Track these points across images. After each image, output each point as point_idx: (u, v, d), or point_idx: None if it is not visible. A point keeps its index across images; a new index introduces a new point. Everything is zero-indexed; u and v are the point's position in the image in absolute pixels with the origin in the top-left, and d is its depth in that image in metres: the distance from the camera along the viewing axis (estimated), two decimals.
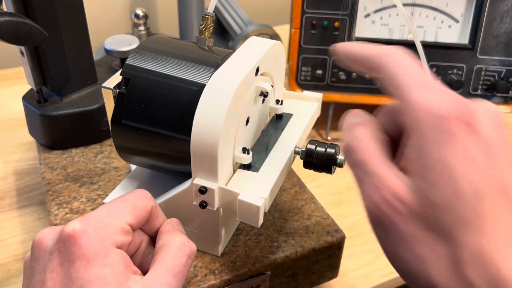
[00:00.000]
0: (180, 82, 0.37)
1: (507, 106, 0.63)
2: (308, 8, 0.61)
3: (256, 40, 0.40)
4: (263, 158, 0.39)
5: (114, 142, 0.40)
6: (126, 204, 0.32)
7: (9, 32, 0.40)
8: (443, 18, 0.62)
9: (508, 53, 0.61)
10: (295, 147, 0.41)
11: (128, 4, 0.95)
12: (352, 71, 0.63)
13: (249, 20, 0.80)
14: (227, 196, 0.36)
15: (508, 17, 0.59)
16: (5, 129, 0.68)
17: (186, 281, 0.40)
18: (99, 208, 0.32)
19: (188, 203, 0.38)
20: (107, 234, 0.30)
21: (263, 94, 0.39)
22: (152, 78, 0.38)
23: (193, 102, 0.35)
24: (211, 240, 0.41)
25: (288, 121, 0.44)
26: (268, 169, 0.38)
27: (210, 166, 0.35)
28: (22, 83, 0.76)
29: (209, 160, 0.34)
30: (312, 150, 0.39)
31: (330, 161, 0.39)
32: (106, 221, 0.31)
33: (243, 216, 0.36)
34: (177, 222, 0.35)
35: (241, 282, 0.41)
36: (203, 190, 0.35)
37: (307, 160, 0.39)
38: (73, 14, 0.51)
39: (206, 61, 0.38)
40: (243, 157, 0.37)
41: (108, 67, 0.63)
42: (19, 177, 0.60)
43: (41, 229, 0.52)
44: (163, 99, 0.37)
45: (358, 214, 0.57)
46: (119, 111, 0.38)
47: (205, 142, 0.34)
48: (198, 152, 0.34)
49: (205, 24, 0.41)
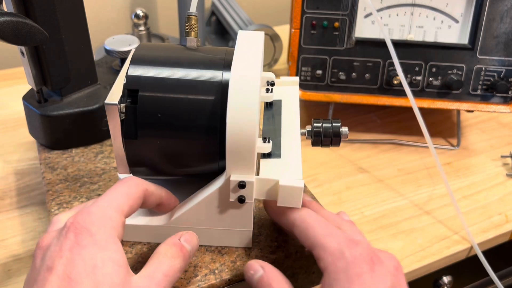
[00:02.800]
0: (194, 84, 0.37)
1: (507, 106, 0.63)
2: (308, 8, 0.61)
3: (247, 34, 0.41)
4: (278, 145, 0.41)
5: (128, 158, 0.39)
6: (121, 195, 0.34)
7: (9, 32, 0.40)
8: (443, 18, 0.62)
9: (508, 53, 0.61)
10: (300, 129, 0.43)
11: (128, 4, 0.95)
12: (352, 71, 0.63)
13: (249, 20, 0.80)
14: (266, 185, 0.37)
15: (508, 17, 0.59)
16: (5, 129, 0.68)
17: (186, 281, 0.40)
18: (98, 201, 0.33)
19: (219, 202, 0.39)
20: (113, 226, 0.32)
21: (269, 83, 0.42)
22: (163, 86, 0.37)
23: (213, 101, 0.36)
24: (243, 233, 0.41)
25: (280, 107, 0.45)
26: (289, 153, 0.40)
27: (247, 160, 0.36)
28: (22, 83, 0.77)
29: (246, 154, 0.35)
30: (319, 128, 0.42)
31: (338, 135, 0.42)
32: (109, 213, 0.32)
33: (285, 200, 0.37)
34: (188, 237, 0.37)
35: (241, 282, 0.41)
36: (243, 184, 0.37)
37: (316, 139, 0.42)
38: (73, 14, 0.51)
39: (211, 61, 0.38)
40: (264, 146, 0.38)
41: (108, 67, 0.63)
42: (19, 177, 0.60)
43: (42, 229, 0.52)
44: (181, 105, 0.37)
45: (358, 214, 0.57)
46: (132, 125, 0.37)
47: (242, 138, 0.35)
48: (234, 149, 0.35)
49: (190, 25, 0.41)
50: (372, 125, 0.72)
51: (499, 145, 0.70)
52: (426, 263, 0.52)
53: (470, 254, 0.55)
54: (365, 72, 0.63)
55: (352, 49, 0.62)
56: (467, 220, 0.57)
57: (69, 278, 0.29)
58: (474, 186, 0.62)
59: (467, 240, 0.54)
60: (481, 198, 0.60)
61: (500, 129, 0.73)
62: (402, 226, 0.56)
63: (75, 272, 0.29)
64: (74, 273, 0.29)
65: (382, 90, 0.64)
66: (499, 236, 0.56)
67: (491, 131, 0.72)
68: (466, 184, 0.62)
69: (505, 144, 0.70)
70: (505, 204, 0.59)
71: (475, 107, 0.64)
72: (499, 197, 0.61)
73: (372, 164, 0.65)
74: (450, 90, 0.63)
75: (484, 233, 0.56)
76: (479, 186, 0.62)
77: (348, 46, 0.62)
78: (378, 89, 0.64)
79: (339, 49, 0.63)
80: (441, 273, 0.57)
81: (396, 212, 0.58)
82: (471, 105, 0.64)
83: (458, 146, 0.68)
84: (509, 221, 0.57)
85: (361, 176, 0.63)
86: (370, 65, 0.63)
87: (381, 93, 0.64)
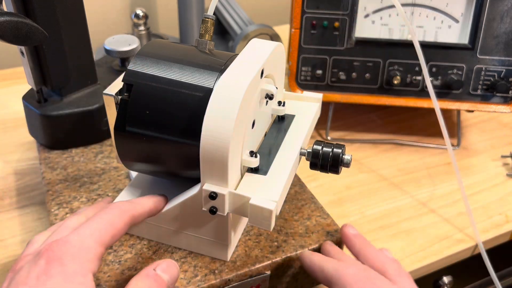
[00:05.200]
0: (185, 87, 0.37)
1: (507, 106, 0.63)
2: (308, 8, 0.61)
3: (259, 42, 0.40)
4: (270, 161, 0.39)
5: (117, 149, 0.40)
6: (104, 224, 0.32)
7: (9, 32, 0.40)
8: (443, 18, 0.62)
9: (508, 53, 0.61)
10: (300, 149, 0.41)
11: (128, 4, 0.94)
12: (352, 71, 0.63)
13: (249, 20, 0.80)
14: (238, 200, 0.36)
15: (508, 17, 0.59)
16: (5, 129, 0.68)
17: (186, 281, 0.40)
18: (79, 228, 0.32)
19: (196, 209, 0.38)
20: (88, 258, 0.30)
21: (268, 96, 0.39)
22: (156, 84, 0.37)
23: (200, 106, 0.35)
24: (220, 245, 0.40)
25: (290, 123, 0.44)
26: (276, 171, 0.38)
27: (220, 171, 0.34)
28: (22, 83, 0.76)
29: (219, 165, 0.34)
30: (318, 151, 0.39)
31: (337, 162, 0.39)
32: (88, 244, 0.31)
33: (255, 220, 0.35)
34: (166, 266, 0.34)
35: (241, 282, 0.41)
36: (213, 195, 0.35)
37: (314, 161, 0.39)
38: (73, 14, 0.51)
39: (210, 65, 0.38)
40: (251, 160, 0.37)
41: (108, 67, 0.63)
42: (19, 177, 0.60)
43: (41, 229, 0.52)
44: (169, 105, 0.36)
45: (358, 214, 0.57)
46: (122, 118, 0.38)
47: (215, 147, 0.33)
48: (207, 158, 0.34)
49: (205, 27, 0.40)
50: (372, 125, 0.72)
51: (499, 145, 0.69)
52: (426, 263, 0.52)
53: (475, 252, 0.55)
54: (365, 72, 0.63)
55: (352, 49, 0.62)
56: (467, 220, 0.57)
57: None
58: (474, 186, 0.62)
59: (469, 238, 0.54)
60: (481, 198, 0.60)
61: (500, 129, 0.73)
62: (402, 226, 0.56)
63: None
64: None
65: (382, 90, 0.64)
66: (499, 236, 0.56)
67: (491, 131, 0.72)
68: (467, 184, 0.62)
69: (505, 144, 0.70)
70: (505, 204, 0.59)
71: (475, 107, 0.64)
72: (499, 197, 0.61)
73: (372, 164, 0.65)
74: (450, 90, 0.63)
75: (485, 233, 0.56)
76: (479, 186, 0.62)
77: (348, 46, 0.62)
78: (378, 89, 0.64)
79: (339, 49, 0.62)
80: (441, 273, 0.57)
81: (396, 212, 0.58)
82: (471, 105, 0.64)
83: (458, 146, 0.68)
84: (509, 221, 0.57)
85: (361, 176, 0.63)
86: (370, 65, 0.63)
87: (381, 93, 0.64)
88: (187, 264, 0.41)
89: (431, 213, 0.58)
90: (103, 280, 0.39)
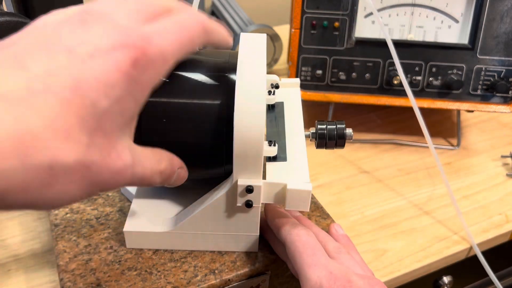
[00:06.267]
0: (199, 88, 0.36)
1: (507, 106, 0.63)
2: (308, 8, 0.61)
3: (249, 36, 0.40)
4: (283, 148, 0.40)
5: None
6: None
7: (9, 32, 0.40)
8: (443, 18, 0.62)
9: (508, 53, 0.61)
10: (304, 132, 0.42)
11: None
12: (352, 71, 0.63)
13: (249, 20, 0.80)
14: (273, 189, 0.37)
15: (508, 17, 0.59)
16: None
17: (186, 281, 0.40)
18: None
19: (226, 207, 0.38)
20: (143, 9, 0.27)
21: (274, 86, 0.41)
22: (166, 89, 0.35)
23: (220, 105, 0.35)
24: (249, 237, 0.41)
25: (282, 110, 0.45)
26: (294, 156, 0.40)
27: (254, 164, 0.35)
28: None
29: (253, 159, 0.35)
30: (324, 130, 0.41)
31: (343, 137, 0.41)
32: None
33: (293, 204, 0.37)
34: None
35: (241, 282, 0.41)
36: (250, 189, 0.36)
37: (321, 141, 0.42)
38: None
39: (215, 64, 0.37)
40: (270, 149, 0.38)
41: None
42: None
43: (41, 229, 0.52)
44: (185, 109, 0.35)
45: (358, 214, 0.57)
46: (136, 130, 0.36)
47: (249, 142, 0.34)
48: (242, 153, 0.35)
49: None
50: (372, 125, 0.72)
51: (499, 145, 0.70)
52: (426, 263, 0.52)
53: (470, 254, 0.55)
54: (365, 72, 0.63)
55: (352, 49, 0.62)
56: (467, 220, 0.57)
57: None
58: (474, 186, 0.62)
59: (466, 241, 0.54)
60: (481, 198, 0.60)
61: (500, 129, 0.73)
62: (402, 226, 0.56)
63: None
64: None
65: (382, 90, 0.64)
66: (499, 236, 0.56)
67: (491, 131, 0.72)
68: (466, 184, 0.62)
69: (505, 144, 0.70)
70: (505, 204, 0.59)
71: (475, 107, 0.64)
72: (499, 197, 0.61)
73: (372, 164, 0.65)
74: (450, 90, 0.63)
75: (484, 233, 0.56)
76: (479, 186, 0.62)
77: (348, 46, 0.62)
78: (378, 89, 0.64)
79: (339, 49, 0.63)
80: (441, 273, 0.57)
81: (396, 212, 0.58)
82: (471, 105, 0.64)
83: (458, 146, 0.68)
84: (509, 221, 0.57)
85: (361, 176, 0.63)
86: (370, 65, 0.63)
87: (381, 93, 0.64)
88: (187, 264, 0.41)
89: (431, 213, 0.58)
90: (103, 280, 0.39)
